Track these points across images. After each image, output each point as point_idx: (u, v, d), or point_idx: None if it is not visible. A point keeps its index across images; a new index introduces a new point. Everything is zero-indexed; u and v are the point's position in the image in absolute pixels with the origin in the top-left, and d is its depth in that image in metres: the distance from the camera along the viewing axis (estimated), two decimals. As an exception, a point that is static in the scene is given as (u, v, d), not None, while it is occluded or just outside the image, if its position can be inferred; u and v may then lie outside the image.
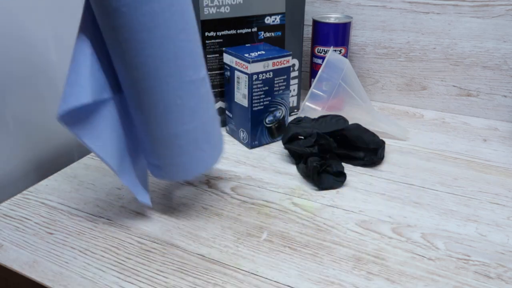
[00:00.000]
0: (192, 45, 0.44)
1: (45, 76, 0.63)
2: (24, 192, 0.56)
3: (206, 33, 0.66)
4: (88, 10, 0.43)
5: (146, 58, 0.41)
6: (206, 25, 0.66)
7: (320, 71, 0.65)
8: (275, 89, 0.65)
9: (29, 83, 0.61)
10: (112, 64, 0.45)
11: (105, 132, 0.46)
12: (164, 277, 0.42)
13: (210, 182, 0.58)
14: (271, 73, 0.63)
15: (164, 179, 0.50)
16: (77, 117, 0.43)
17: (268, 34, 0.71)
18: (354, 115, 0.66)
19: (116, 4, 0.39)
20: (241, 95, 0.65)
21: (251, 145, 0.67)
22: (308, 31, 0.84)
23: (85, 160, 0.64)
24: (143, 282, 0.41)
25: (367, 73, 0.83)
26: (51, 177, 0.59)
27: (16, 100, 0.59)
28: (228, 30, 0.68)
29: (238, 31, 0.68)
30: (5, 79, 0.57)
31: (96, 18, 0.42)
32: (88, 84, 0.43)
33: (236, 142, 0.69)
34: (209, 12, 0.65)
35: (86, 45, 0.43)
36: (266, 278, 0.42)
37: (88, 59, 0.43)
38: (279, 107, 0.66)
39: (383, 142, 0.62)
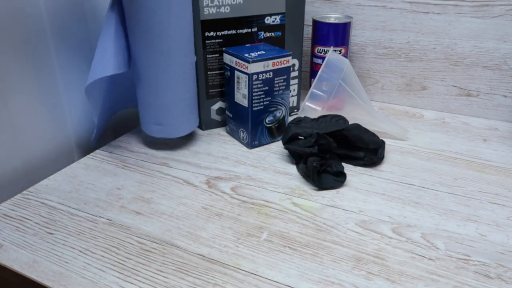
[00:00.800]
0: (191, 36, 0.60)
1: (45, 75, 0.63)
2: (24, 192, 0.56)
3: (206, 33, 0.66)
4: (117, 13, 0.58)
5: (171, 43, 0.57)
6: (206, 25, 0.66)
7: (320, 71, 0.65)
8: (275, 89, 0.65)
9: (29, 82, 0.61)
10: (128, 46, 0.61)
11: (100, 97, 0.64)
12: (164, 277, 0.42)
13: (210, 182, 0.58)
14: (271, 73, 0.63)
15: (163, 136, 0.64)
16: (95, 86, 0.61)
17: (268, 34, 0.71)
18: (354, 115, 0.66)
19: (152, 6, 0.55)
20: (241, 95, 0.65)
21: (251, 145, 0.67)
22: (308, 31, 0.84)
23: (85, 160, 0.64)
24: (143, 282, 0.41)
25: (367, 73, 0.83)
26: (51, 177, 0.59)
27: (16, 100, 0.59)
28: (228, 30, 0.68)
29: (238, 31, 0.68)
30: (5, 79, 0.57)
31: (121, 17, 0.59)
32: (111, 61, 0.58)
33: (236, 142, 0.69)
34: (209, 12, 0.65)
35: (110, 29, 0.58)
36: (266, 278, 0.42)
37: (111, 44, 0.58)
38: (279, 107, 0.66)
39: (383, 142, 0.62)
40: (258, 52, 0.63)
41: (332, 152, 0.59)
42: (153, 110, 0.62)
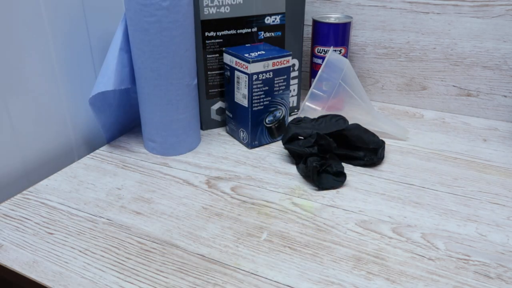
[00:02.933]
0: (191, 61, 0.61)
1: (45, 75, 0.63)
2: (24, 192, 0.56)
3: (206, 33, 0.66)
4: (124, 30, 0.61)
5: (161, 64, 0.58)
6: (206, 25, 0.66)
7: (320, 71, 0.65)
8: (275, 89, 0.65)
9: (29, 82, 0.61)
10: (132, 64, 0.63)
11: (112, 113, 0.67)
12: (164, 277, 0.42)
13: (210, 182, 0.58)
14: (271, 73, 0.63)
15: (156, 153, 0.65)
16: (100, 101, 0.64)
17: (268, 34, 0.71)
18: (354, 115, 0.66)
19: (155, 31, 0.57)
20: (241, 95, 0.65)
21: (251, 145, 0.66)
22: (308, 31, 0.84)
23: (85, 160, 0.64)
24: (143, 282, 0.41)
25: (367, 73, 0.83)
26: (51, 177, 0.59)
27: (16, 100, 0.59)
28: (228, 30, 0.68)
29: (238, 31, 0.68)
30: (5, 79, 0.57)
31: (127, 34, 0.61)
32: (112, 77, 0.61)
33: (236, 142, 0.69)
34: (209, 12, 0.65)
35: (115, 49, 0.61)
36: (266, 278, 0.42)
37: (115, 60, 0.61)
38: (279, 107, 0.66)
39: (383, 142, 0.62)
40: (258, 52, 0.63)
41: (332, 152, 0.59)
42: (147, 127, 0.64)
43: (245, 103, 0.64)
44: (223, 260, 0.44)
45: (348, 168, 0.61)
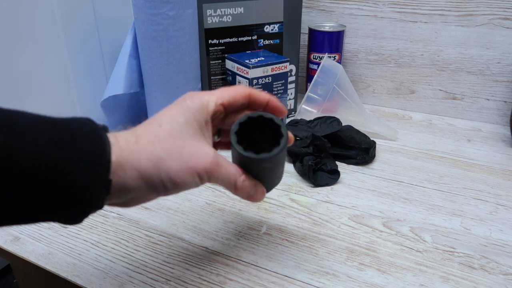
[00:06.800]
0: (195, 66, 0.62)
1: (59, 80, 0.63)
2: (40, 188, 0.56)
3: (210, 41, 0.66)
4: (133, 38, 0.62)
5: (167, 70, 0.59)
6: (209, 33, 0.66)
7: (315, 76, 0.65)
8: (274, 92, 0.65)
9: (45, 86, 0.61)
10: (140, 70, 0.63)
11: (122, 115, 0.67)
12: (170, 268, 0.42)
13: (213, 179, 0.58)
14: (270, 78, 0.63)
15: None
16: (111, 103, 0.64)
17: (267, 42, 0.71)
18: (347, 117, 0.66)
19: (161, 37, 0.58)
20: (242, 99, 0.64)
21: (251, 145, 0.66)
22: (304, 39, 0.84)
23: (97, 159, 0.64)
24: (151, 273, 0.41)
25: (360, 78, 0.83)
26: (65, 175, 0.59)
27: (33, 102, 0.59)
28: (230, 38, 0.68)
29: (239, 39, 0.68)
30: (23, 82, 0.57)
31: (136, 42, 0.61)
32: (122, 81, 0.62)
33: (237, 142, 0.69)
34: (212, 21, 0.65)
35: (125, 56, 0.62)
36: (265, 269, 0.42)
37: (125, 66, 0.62)
38: (278, 109, 0.66)
39: (374, 142, 0.62)
40: (258, 59, 0.63)
41: (326, 152, 0.59)
42: None
43: (245, 106, 0.64)
44: (226, 252, 0.44)
45: (341, 167, 0.61)
